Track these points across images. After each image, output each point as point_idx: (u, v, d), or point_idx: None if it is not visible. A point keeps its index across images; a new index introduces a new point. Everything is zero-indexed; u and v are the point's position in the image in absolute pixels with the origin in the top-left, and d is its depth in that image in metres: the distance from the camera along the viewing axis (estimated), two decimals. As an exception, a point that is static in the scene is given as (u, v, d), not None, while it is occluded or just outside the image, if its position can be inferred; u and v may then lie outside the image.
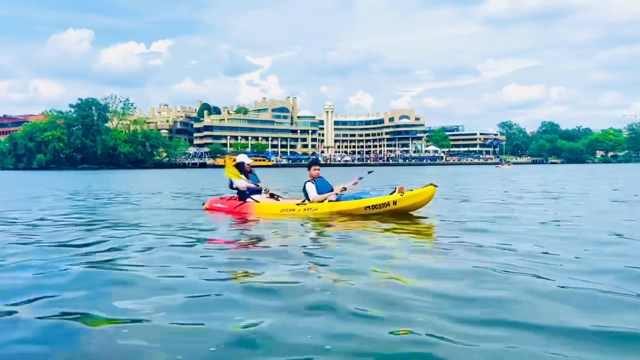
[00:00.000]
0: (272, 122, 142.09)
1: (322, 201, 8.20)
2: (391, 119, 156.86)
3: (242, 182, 9.12)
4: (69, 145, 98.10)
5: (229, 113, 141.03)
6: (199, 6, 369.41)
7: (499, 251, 4.97)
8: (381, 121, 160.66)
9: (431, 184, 7.96)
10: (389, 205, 7.83)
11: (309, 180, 8.46)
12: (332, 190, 8.37)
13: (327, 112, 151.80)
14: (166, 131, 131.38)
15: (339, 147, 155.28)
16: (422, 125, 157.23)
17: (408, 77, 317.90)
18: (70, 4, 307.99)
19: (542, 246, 5.15)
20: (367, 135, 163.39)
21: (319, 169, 8.60)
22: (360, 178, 8.61)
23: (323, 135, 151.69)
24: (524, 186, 18.64)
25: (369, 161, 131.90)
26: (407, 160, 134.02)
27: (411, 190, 8.04)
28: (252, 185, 9.13)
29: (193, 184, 23.88)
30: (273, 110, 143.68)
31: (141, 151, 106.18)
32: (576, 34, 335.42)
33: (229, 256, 5.05)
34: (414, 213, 8.09)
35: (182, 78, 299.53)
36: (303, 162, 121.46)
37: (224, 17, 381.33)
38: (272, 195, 9.08)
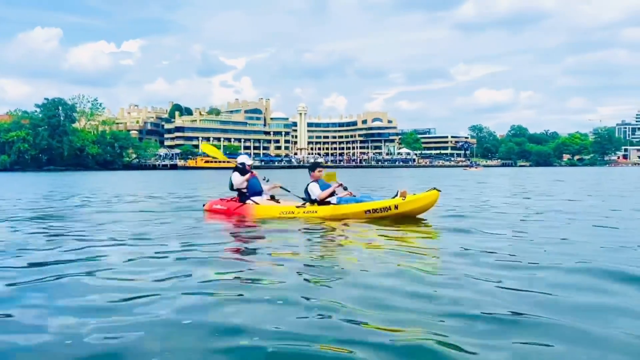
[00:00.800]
0: (244, 124, 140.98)
1: (327, 197, 8.18)
2: (364, 121, 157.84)
3: (239, 178, 9.00)
4: (35, 146, 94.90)
5: (200, 114, 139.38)
6: (171, 6, 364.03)
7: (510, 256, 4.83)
8: (354, 123, 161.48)
9: (434, 189, 7.77)
10: (390, 209, 7.68)
11: (312, 181, 8.39)
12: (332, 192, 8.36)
13: (301, 113, 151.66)
14: (136, 132, 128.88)
15: (312, 149, 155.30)
16: (394, 127, 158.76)
17: (382, 80, 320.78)
18: (38, 1, 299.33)
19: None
20: (341, 137, 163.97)
21: (322, 171, 8.58)
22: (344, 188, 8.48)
23: (296, 137, 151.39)
24: (500, 191, 18.74)
25: (342, 163, 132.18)
26: (379, 163, 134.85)
27: (414, 194, 7.83)
28: (251, 175, 8.97)
29: (164, 186, 23.22)
30: (246, 111, 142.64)
31: (110, 152, 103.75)
32: (544, 40, 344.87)
33: (219, 259, 4.96)
34: (418, 217, 7.89)
35: (154, 78, 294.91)
36: (276, 163, 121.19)
37: (197, 18, 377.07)
38: (272, 198, 8.95)
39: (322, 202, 8.18)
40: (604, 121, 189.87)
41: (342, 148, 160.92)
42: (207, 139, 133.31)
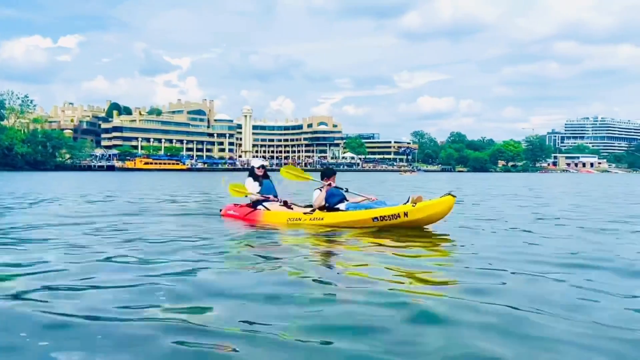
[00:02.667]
0: (187, 125, 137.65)
1: (319, 204, 7.80)
2: (310, 125, 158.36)
3: (251, 196, 8.69)
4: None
5: (140, 114, 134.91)
6: (112, 1, 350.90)
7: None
8: (300, 127, 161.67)
9: (449, 194, 6.88)
10: (399, 217, 6.99)
11: (317, 188, 8.04)
12: (341, 199, 7.89)
13: (246, 116, 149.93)
14: (70, 131, 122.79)
15: (257, 151, 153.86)
16: (339, 132, 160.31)
17: (328, 84, 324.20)
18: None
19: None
20: (286, 140, 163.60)
21: (330, 181, 8.07)
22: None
23: (241, 139, 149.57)
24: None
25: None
26: (324, 166, 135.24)
27: (429, 200, 7.09)
28: (260, 197, 8.56)
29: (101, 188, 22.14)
30: (189, 112, 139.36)
31: (41, 152, 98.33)
32: (483, 51, 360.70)
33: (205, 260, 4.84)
34: (429, 227, 7.21)
35: (93, 76, 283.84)
36: (219, 166, 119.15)
37: (140, 15, 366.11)
38: (285, 203, 8.51)
39: (332, 208, 7.75)
40: (536, 130, 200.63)
41: (288, 152, 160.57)
42: (147, 140, 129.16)
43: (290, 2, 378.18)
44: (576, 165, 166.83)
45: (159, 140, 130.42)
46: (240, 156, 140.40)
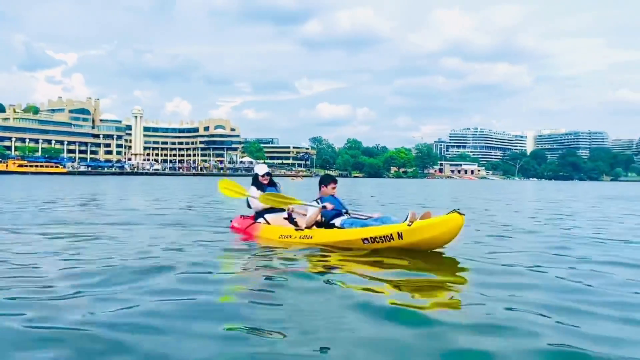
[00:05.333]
0: (69, 125, 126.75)
1: (313, 222, 6.81)
2: (206, 128, 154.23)
3: (253, 201, 7.76)
4: None
5: (15, 112, 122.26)
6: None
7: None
8: (196, 130, 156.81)
9: (455, 211, 5.60)
10: (392, 239, 5.84)
11: (316, 199, 6.96)
12: (338, 212, 6.75)
13: (136, 116, 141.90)
14: None
15: (148, 154, 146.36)
16: (237, 136, 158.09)
17: (228, 87, 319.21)
18: None
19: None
20: (181, 143, 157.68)
21: (335, 187, 7.05)
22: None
23: (131, 141, 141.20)
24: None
25: (181, 170, 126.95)
26: (221, 171, 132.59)
27: (431, 218, 5.84)
28: (260, 205, 7.57)
29: None
30: (71, 111, 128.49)
31: None
32: (378, 62, 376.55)
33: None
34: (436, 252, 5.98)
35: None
36: (105, 169, 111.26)
37: (18, 4, 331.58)
38: (289, 216, 7.56)
39: (328, 224, 6.70)
40: (425, 138, 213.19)
41: (183, 155, 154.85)
42: (22, 140, 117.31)
43: (189, 2, 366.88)
44: (459, 172, 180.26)
45: (36, 141, 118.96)
46: (129, 159, 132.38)
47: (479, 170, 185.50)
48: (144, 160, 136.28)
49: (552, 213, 13.77)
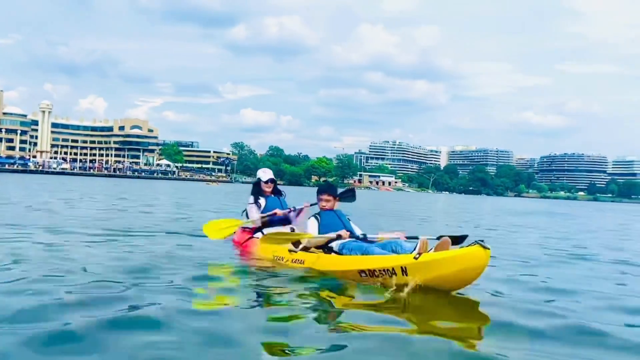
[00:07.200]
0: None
1: (314, 245, 5.74)
2: (121, 128, 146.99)
3: (254, 219, 6.87)
4: None
5: None
6: None
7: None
8: (110, 129, 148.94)
9: (477, 243, 4.20)
10: (394, 273, 4.60)
11: (314, 215, 5.98)
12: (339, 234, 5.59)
13: (44, 111, 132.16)
14: None
15: (56, 152, 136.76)
16: (155, 137, 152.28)
17: (148, 87, 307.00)
18: None
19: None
20: (93, 142, 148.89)
21: (331, 199, 5.98)
22: (312, 205, 6.47)
23: (37, 137, 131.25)
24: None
25: (92, 170, 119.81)
26: (136, 173, 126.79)
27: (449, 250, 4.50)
28: (255, 222, 6.86)
29: None
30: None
31: None
32: (304, 72, 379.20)
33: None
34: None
35: None
36: (7, 166, 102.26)
37: None
38: (292, 231, 6.52)
39: (326, 246, 5.61)
40: (346, 149, 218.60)
41: (95, 154, 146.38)
42: None
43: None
44: (377, 183, 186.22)
45: None
46: (34, 156, 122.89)
47: (396, 182, 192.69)
48: (51, 158, 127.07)
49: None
